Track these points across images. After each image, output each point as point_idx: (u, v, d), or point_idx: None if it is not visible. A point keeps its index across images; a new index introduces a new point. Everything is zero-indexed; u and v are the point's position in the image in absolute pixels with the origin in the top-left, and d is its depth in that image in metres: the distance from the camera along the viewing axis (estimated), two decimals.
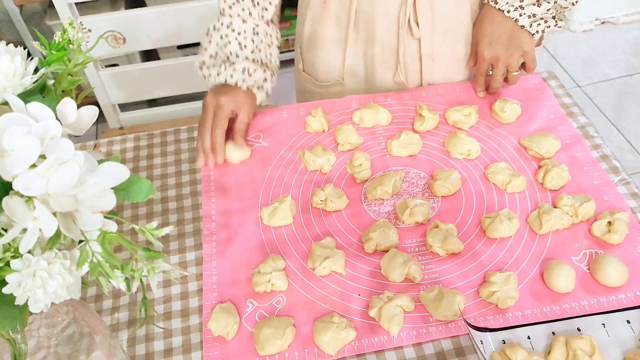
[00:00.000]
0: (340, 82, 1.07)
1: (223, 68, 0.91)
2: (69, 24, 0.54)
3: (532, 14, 0.89)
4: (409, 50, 1.00)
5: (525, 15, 0.89)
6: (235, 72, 0.90)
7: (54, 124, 0.43)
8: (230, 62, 0.91)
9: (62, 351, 0.58)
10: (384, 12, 0.96)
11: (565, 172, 0.85)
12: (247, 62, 0.91)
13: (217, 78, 0.91)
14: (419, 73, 1.02)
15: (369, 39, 1.00)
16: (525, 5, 0.89)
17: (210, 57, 0.94)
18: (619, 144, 2.09)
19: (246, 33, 0.92)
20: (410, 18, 0.96)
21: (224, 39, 0.92)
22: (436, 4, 0.95)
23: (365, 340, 0.70)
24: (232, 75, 0.90)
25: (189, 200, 0.89)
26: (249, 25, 0.92)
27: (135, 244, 0.47)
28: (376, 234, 0.78)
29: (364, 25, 0.98)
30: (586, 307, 0.71)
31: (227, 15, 0.93)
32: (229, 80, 0.90)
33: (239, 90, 0.91)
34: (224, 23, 0.92)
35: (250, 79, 0.91)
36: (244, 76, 0.91)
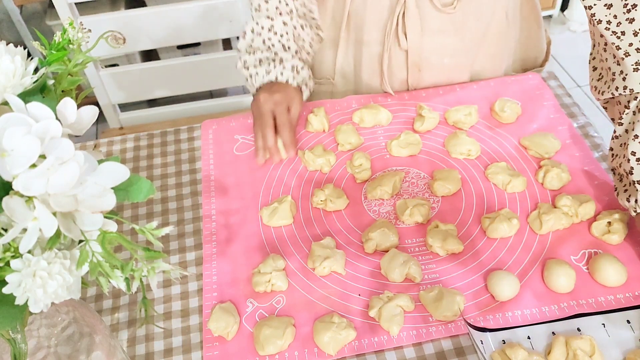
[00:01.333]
0: (331, 82, 1.07)
1: (272, 66, 0.92)
2: (69, 24, 0.54)
3: None
4: (395, 60, 0.99)
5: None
6: (285, 70, 0.91)
7: (54, 124, 0.43)
8: (279, 60, 0.92)
9: (62, 351, 0.58)
10: (373, 18, 0.96)
11: (565, 172, 0.85)
12: (295, 60, 0.93)
13: (266, 77, 0.92)
14: (405, 82, 1.02)
15: (359, 43, 1.00)
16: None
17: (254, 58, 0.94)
18: None
19: (288, 35, 0.93)
20: (399, 28, 0.95)
21: (267, 42, 0.93)
22: (426, 17, 0.94)
23: (365, 340, 0.70)
24: (282, 73, 0.91)
25: (189, 200, 0.89)
26: (290, 27, 0.93)
27: (135, 244, 0.47)
28: (376, 234, 0.78)
29: (355, 28, 0.98)
30: (585, 307, 0.71)
31: (265, 16, 0.93)
32: (279, 77, 0.91)
33: (289, 87, 0.92)
34: (265, 26, 0.93)
35: (299, 76, 0.93)
36: (293, 74, 0.92)
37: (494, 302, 0.72)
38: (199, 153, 0.97)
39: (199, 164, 0.95)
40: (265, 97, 0.89)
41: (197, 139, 0.99)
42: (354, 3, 0.95)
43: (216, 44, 2.09)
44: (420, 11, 0.93)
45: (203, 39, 1.81)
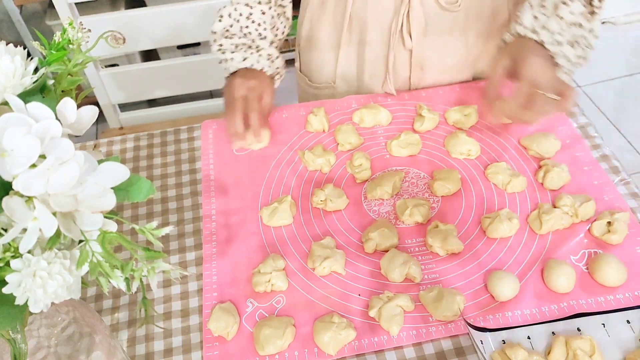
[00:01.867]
0: (332, 85, 1.07)
1: (249, 53, 0.92)
2: (69, 24, 0.54)
3: (567, 56, 0.83)
4: (399, 59, 0.99)
5: (562, 55, 0.82)
6: (262, 59, 0.92)
7: (54, 124, 0.43)
8: (256, 48, 0.92)
9: (62, 351, 0.58)
10: (376, 19, 0.96)
11: (565, 172, 0.85)
12: (271, 49, 0.93)
13: (241, 63, 0.92)
14: (408, 80, 1.02)
15: (361, 44, 1.00)
16: (564, 42, 0.82)
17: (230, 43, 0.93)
18: (619, 144, 2.09)
19: (266, 24, 0.94)
20: (403, 28, 0.95)
21: (244, 29, 0.93)
22: (430, 16, 0.94)
23: (365, 340, 0.70)
24: (258, 61, 0.92)
25: (189, 200, 0.89)
26: (267, 16, 0.94)
27: (135, 244, 0.47)
28: (376, 234, 0.78)
29: (357, 30, 0.98)
30: (584, 307, 0.71)
31: (244, 3, 0.93)
32: (255, 65, 0.92)
33: (264, 75, 0.92)
34: (243, 13, 0.93)
35: (274, 65, 0.93)
36: (269, 62, 0.92)
37: (494, 302, 0.72)
38: (199, 153, 0.97)
39: (199, 164, 0.95)
40: (240, 83, 0.89)
41: (197, 139, 0.99)
42: (356, 5, 0.95)
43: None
44: (425, 10, 0.94)
45: (203, 39, 1.80)
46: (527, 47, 0.83)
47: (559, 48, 0.82)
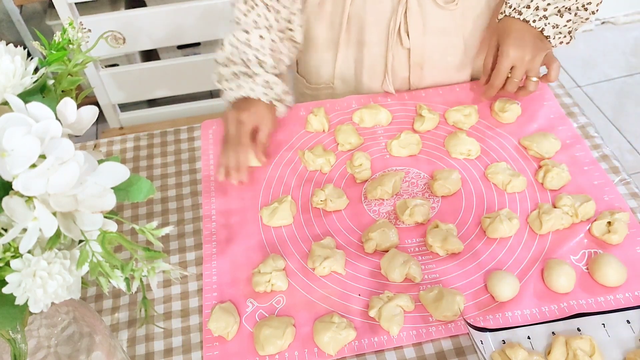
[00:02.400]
0: (331, 86, 1.07)
1: (244, 81, 0.89)
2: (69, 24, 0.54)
3: (555, 24, 0.88)
4: (397, 59, 0.99)
5: (549, 25, 0.87)
6: (257, 86, 0.89)
7: (54, 124, 0.43)
8: (250, 75, 0.90)
9: (62, 351, 0.58)
10: (374, 19, 0.96)
11: (565, 172, 0.85)
12: (268, 75, 0.90)
13: (237, 91, 0.89)
14: (407, 80, 1.02)
15: (360, 44, 0.99)
16: (549, 15, 0.87)
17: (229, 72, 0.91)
18: (619, 144, 2.09)
19: (264, 49, 0.91)
20: (401, 27, 0.95)
21: (243, 55, 0.91)
22: (428, 15, 0.94)
23: (365, 340, 0.70)
24: (253, 90, 0.88)
25: (189, 200, 0.89)
26: (267, 41, 0.92)
27: (135, 244, 0.47)
28: (376, 234, 0.78)
29: (355, 30, 0.98)
30: (584, 307, 0.71)
31: (243, 30, 0.92)
32: (250, 94, 0.89)
33: (260, 104, 0.89)
34: (241, 39, 0.91)
35: (272, 92, 0.90)
36: (265, 90, 0.89)
37: (494, 302, 0.72)
38: (199, 153, 0.97)
39: (199, 164, 0.95)
40: (232, 116, 0.87)
41: (197, 139, 0.99)
42: (354, 5, 0.95)
43: (216, 44, 2.08)
44: (422, 9, 0.93)
45: (203, 39, 1.81)
46: (508, 31, 0.88)
47: (544, 22, 0.87)
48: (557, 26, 0.88)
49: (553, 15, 0.87)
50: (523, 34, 0.87)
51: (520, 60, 0.87)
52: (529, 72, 0.89)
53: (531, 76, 0.89)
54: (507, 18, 0.90)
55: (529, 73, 0.89)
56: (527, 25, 0.88)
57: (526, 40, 0.87)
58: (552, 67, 0.90)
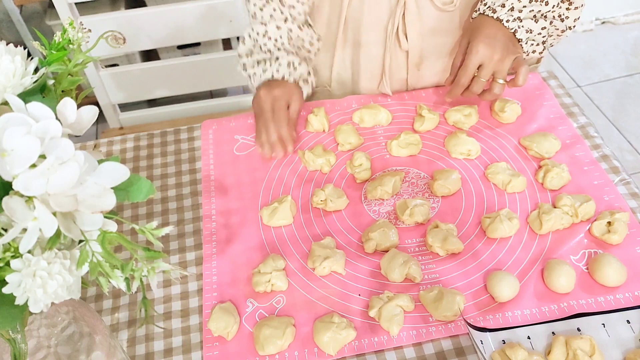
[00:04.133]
0: (327, 89, 1.07)
1: (269, 65, 0.93)
2: (69, 24, 0.54)
3: (529, 29, 0.85)
4: (395, 61, 0.99)
5: (523, 28, 0.85)
6: (281, 67, 0.92)
7: (54, 124, 0.43)
8: (275, 58, 0.93)
9: (62, 351, 0.58)
10: (372, 21, 0.96)
11: (565, 172, 0.85)
12: (290, 56, 0.93)
13: (263, 75, 0.93)
14: (405, 82, 1.02)
15: (357, 46, 1.00)
16: (524, 17, 0.85)
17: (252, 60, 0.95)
18: (619, 144, 2.09)
19: (282, 39, 0.94)
20: (399, 29, 0.95)
21: (264, 47, 0.94)
22: (425, 16, 0.94)
23: (365, 340, 0.70)
24: (278, 70, 0.92)
25: (189, 200, 0.89)
26: (284, 31, 0.94)
27: (135, 244, 0.47)
28: (376, 234, 0.78)
29: (352, 32, 0.98)
30: (584, 307, 0.71)
31: (260, 22, 0.94)
32: (275, 75, 0.92)
33: (288, 83, 0.93)
34: (260, 32, 0.94)
35: (296, 72, 0.93)
36: (289, 69, 0.93)
37: (494, 302, 0.72)
38: (199, 153, 0.97)
39: (199, 164, 0.95)
40: (265, 94, 0.90)
41: (197, 139, 0.99)
42: (351, 6, 0.95)
43: (216, 44, 2.09)
44: (420, 11, 0.93)
45: (203, 39, 1.81)
46: (479, 29, 0.85)
47: (518, 24, 0.84)
48: (530, 31, 0.85)
49: (528, 19, 0.85)
50: (495, 32, 0.84)
51: (489, 58, 0.83)
52: (497, 74, 0.85)
53: (498, 78, 0.85)
54: (481, 16, 0.87)
55: (497, 74, 0.85)
56: (500, 25, 0.85)
57: (497, 39, 0.84)
58: (520, 71, 0.86)
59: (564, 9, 0.85)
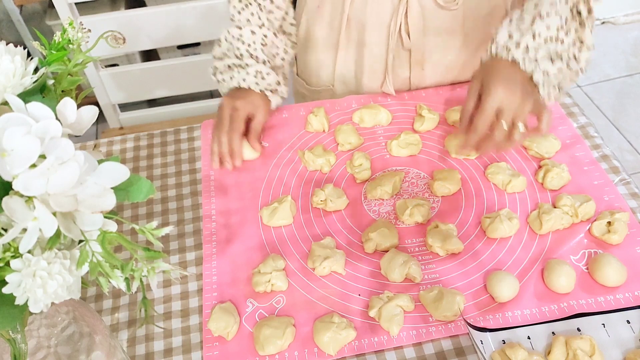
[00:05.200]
0: (330, 88, 1.07)
1: (236, 72, 0.92)
2: (69, 24, 0.54)
3: (546, 70, 0.77)
4: (398, 60, 0.99)
5: (540, 71, 0.77)
6: (248, 76, 0.91)
7: (54, 124, 0.43)
8: (242, 66, 0.92)
9: (62, 351, 0.58)
10: (375, 20, 0.96)
11: (565, 172, 0.85)
12: (260, 66, 0.92)
13: (230, 82, 0.92)
14: (408, 80, 1.02)
15: (360, 45, 0.99)
16: (540, 58, 0.77)
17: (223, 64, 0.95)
18: (619, 144, 2.09)
19: (255, 44, 0.93)
20: (402, 28, 0.95)
21: (236, 51, 0.94)
22: (428, 15, 0.94)
23: (365, 340, 0.70)
24: (244, 79, 0.91)
25: (189, 200, 0.89)
26: (258, 36, 0.93)
27: (135, 244, 0.47)
28: (376, 234, 0.78)
29: (355, 31, 0.98)
30: (584, 307, 0.71)
31: (236, 26, 0.94)
32: (242, 84, 0.91)
33: (253, 93, 0.91)
34: (234, 35, 0.94)
35: (264, 81, 0.92)
36: (256, 79, 0.91)
37: (494, 302, 0.72)
38: (199, 153, 0.97)
39: (199, 164, 0.95)
40: (227, 102, 0.90)
41: (197, 139, 0.99)
42: (354, 6, 0.95)
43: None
44: (423, 10, 0.93)
45: (203, 39, 1.81)
46: (495, 70, 0.77)
47: (535, 65, 0.77)
48: (547, 73, 0.77)
49: (544, 59, 0.77)
50: (512, 74, 0.76)
51: (509, 101, 0.74)
52: (516, 119, 0.75)
53: (517, 123, 0.75)
54: (494, 58, 0.80)
55: (516, 119, 0.75)
56: (516, 66, 0.77)
57: (516, 80, 0.76)
58: (543, 117, 0.77)
59: (577, 50, 0.78)
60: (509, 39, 0.78)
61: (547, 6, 0.77)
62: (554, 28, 0.76)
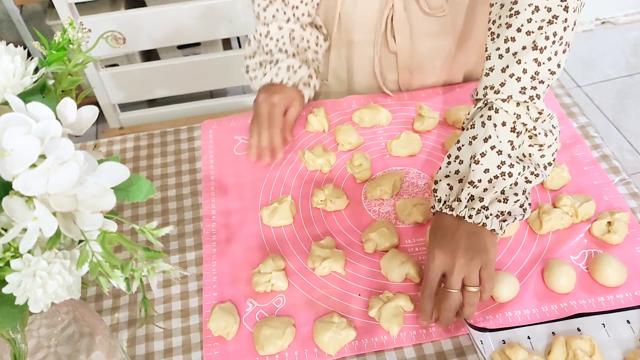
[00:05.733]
0: (325, 83, 1.07)
1: (269, 68, 0.93)
2: (69, 24, 0.54)
3: (500, 212, 0.69)
4: (385, 61, 0.99)
5: (492, 217, 0.68)
6: (280, 71, 0.92)
7: (54, 124, 0.43)
8: (273, 62, 0.93)
9: (62, 351, 0.58)
10: (363, 21, 0.96)
11: (565, 172, 0.84)
12: (290, 60, 0.93)
13: (263, 79, 0.93)
14: (396, 83, 1.03)
15: (349, 44, 1.00)
16: (489, 204, 0.68)
17: (254, 62, 0.96)
18: (619, 144, 2.09)
19: (284, 39, 0.94)
20: (388, 32, 0.95)
21: (265, 48, 0.94)
22: (414, 21, 0.94)
23: (365, 340, 0.70)
24: (277, 74, 0.92)
25: (189, 200, 0.89)
26: (285, 31, 0.94)
27: (135, 244, 0.47)
28: (376, 234, 0.78)
29: (346, 30, 0.98)
30: (584, 307, 0.71)
31: (262, 23, 0.95)
32: (274, 79, 0.92)
33: (287, 88, 0.93)
34: (262, 33, 0.95)
35: (296, 75, 0.93)
36: (289, 73, 0.92)
37: (494, 302, 0.72)
38: (199, 153, 0.97)
39: (199, 164, 0.95)
40: (263, 98, 0.91)
41: (197, 139, 0.99)
42: (345, 5, 0.95)
43: (216, 44, 2.09)
44: (409, 15, 0.93)
45: (203, 39, 1.81)
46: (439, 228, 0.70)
47: (484, 214, 0.68)
48: (502, 214, 0.69)
49: (495, 202, 0.69)
50: (454, 231, 0.68)
51: (450, 265, 0.66)
52: (466, 280, 0.67)
53: (469, 285, 0.67)
54: (439, 214, 0.71)
55: (466, 281, 0.67)
56: (462, 221, 0.69)
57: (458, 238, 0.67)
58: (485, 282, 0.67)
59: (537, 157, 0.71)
60: (449, 192, 0.71)
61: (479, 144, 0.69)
62: (494, 165, 0.69)
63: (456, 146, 0.72)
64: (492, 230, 0.68)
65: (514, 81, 0.69)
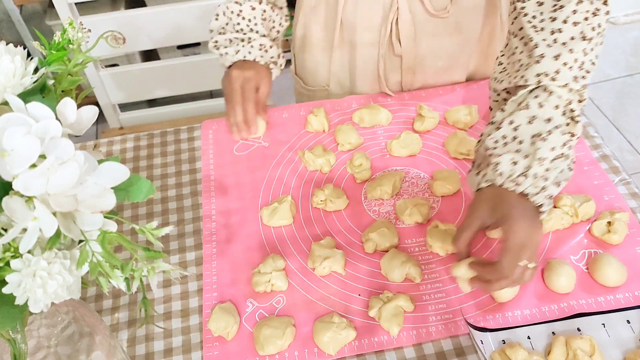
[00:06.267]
0: (326, 89, 1.07)
1: (241, 46, 0.93)
2: (69, 24, 0.54)
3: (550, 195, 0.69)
4: (389, 64, 0.99)
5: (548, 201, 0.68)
6: (253, 49, 0.92)
7: (54, 124, 0.43)
8: (247, 40, 0.93)
9: (62, 351, 0.58)
10: (366, 25, 0.96)
11: None
12: (263, 39, 0.93)
13: (235, 55, 0.93)
14: (399, 84, 1.03)
15: (352, 47, 1.00)
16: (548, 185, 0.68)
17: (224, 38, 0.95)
18: (619, 144, 2.09)
19: (256, 19, 0.94)
20: (392, 35, 0.95)
21: (237, 27, 0.94)
22: (419, 23, 0.94)
23: (365, 340, 0.70)
24: (250, 52, 0.92)
25: (189, 200, 0.89)
26: (258, 12, 0.94)
27: (135, 244, 0.47)
28: (376, 234, 0.78)
29: (348, 34, 0.98)
30: (584, 307, 0.71)
31: (235, 2, 0.94)
32: (247, 56, 0.92)
33: (259, 65, 0.92)
34: (234, 11, 0.94)
35: (267, 54, 0.93)
36: (261, 52, 0.92)
37: (494, 302, 0.72)
38: (199, 153, 0.97)
39: (199, 164, 0.95)
40: (236, 74, 0.90)
41: (197, 139, 0.99)
42: (346, 10, 0.95)
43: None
44: (414, 17, 0.93)
45: (203, 39, 1.80)
46: (511, 206, 0.67)
47: (543, 194, 0.68)
48: (550, 197, 0.69)
49: (551, 185, 0.68)
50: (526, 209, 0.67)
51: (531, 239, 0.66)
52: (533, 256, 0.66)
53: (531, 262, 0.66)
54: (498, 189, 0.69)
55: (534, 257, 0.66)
56: (525, 200, 0.67)
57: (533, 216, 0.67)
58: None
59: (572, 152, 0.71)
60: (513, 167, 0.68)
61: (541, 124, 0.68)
62: (559, 146, 0.68)
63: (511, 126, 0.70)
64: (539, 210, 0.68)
65: (567, 70, 0.70)
